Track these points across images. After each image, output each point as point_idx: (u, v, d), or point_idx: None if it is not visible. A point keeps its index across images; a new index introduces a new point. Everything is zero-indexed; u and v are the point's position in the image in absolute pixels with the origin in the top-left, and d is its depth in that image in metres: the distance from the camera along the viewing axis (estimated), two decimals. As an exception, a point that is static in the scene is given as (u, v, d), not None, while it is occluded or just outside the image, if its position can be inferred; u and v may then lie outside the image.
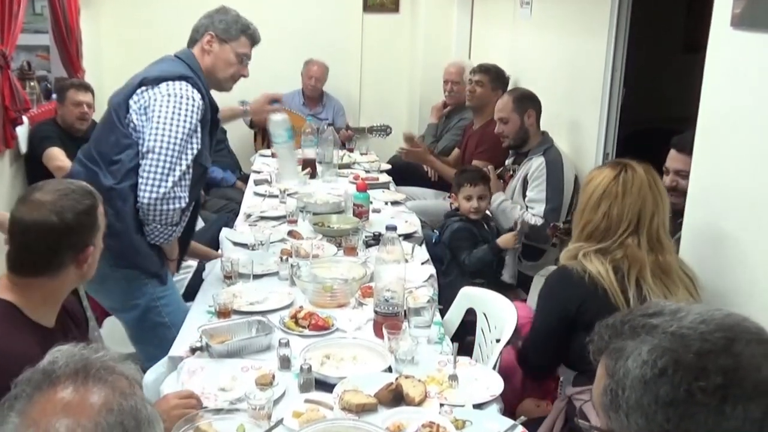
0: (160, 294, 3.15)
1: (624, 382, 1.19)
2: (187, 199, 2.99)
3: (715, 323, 1.18)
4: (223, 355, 2.54)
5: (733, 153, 2.51)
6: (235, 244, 3.70)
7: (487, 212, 4.22)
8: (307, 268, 3.21)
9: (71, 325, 2.33)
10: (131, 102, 3.01)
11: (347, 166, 5.46)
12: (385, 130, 6.47)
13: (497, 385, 2.41)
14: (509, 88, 5.20)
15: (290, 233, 3.82)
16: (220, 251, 3.70)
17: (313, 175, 5.04)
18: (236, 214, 4.42)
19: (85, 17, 6.04)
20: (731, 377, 1.13)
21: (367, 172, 5.33)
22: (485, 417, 2.24)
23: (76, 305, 2.49)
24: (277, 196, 4.54)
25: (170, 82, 2.99)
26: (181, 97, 2.97)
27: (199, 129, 3.02)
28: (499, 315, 2.86)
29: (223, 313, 2.83)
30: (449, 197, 4.11)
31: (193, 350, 2.57)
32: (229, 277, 3.19)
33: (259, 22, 7.15)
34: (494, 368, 2.61)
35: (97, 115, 5.43)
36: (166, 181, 2.90)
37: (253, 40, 3.34)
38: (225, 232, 3.87)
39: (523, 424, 2.17)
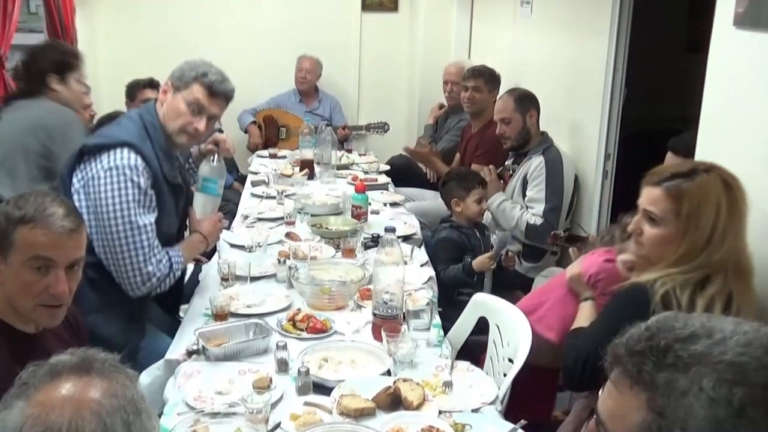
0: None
1: (685, 422, 1.09)
2: (164, 262, 2.84)
3: (758, 343, 1.11)
4: (220, 359, 2.54)
5: (736, 153, 2.51)
6: (232, 245, 3.69)
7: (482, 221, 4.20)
8: (305, 270, 3.20)
9: (64, 333, 2.29)
10: (74, 178, 2.83)
11: (346, 166, 5.46)
12: (383, 127, 6.48)
13: (491, 392, 2.41)
14: (506, 87, 5.18)
15: (288, 235, 3.81)
16: (216, 254, 3.69)
17: (311, 176, 5.04)
18: (233, 216, 4.42)
19: (80, 17, 6.04)
20: None
21: (366, 173, 5.33)
22: (485, 421, 2.24)
23: (73, 312, 2.46)
24: (274, 197, 4.54)
25: (110, 153, 2.78)
26: (121, 168, 2.76)
27: (151, 196, 2.84)
28: (513, 328, 2.74)
29: (220, 315, 2.83)
30: (453, 202, 3.98)
31: (190, 353, 2.58)
32: (226, 280, 3.18)
33: (256, 21, 7.18)
34: (505, 395, 2.50)
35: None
36: (138, 271, 2.78)
37: (210, 89, 3.00)
38: (222, 234, 3.86)
39: (529, 427, 2.17)
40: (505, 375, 2.62)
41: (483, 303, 3.00)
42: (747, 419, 1.06)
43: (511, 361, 2.65)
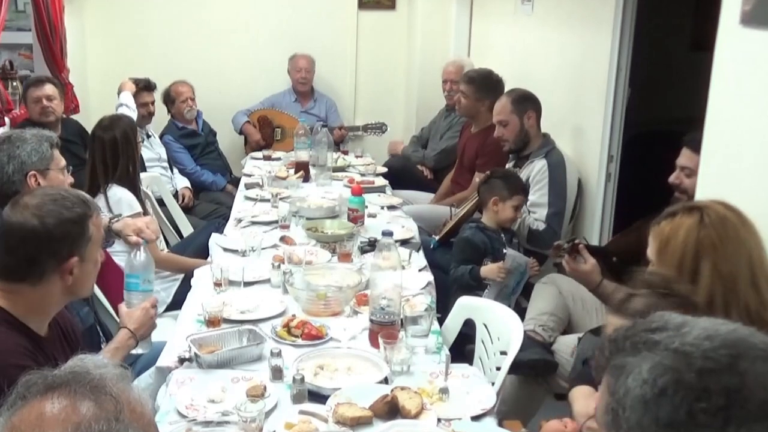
0: None
1: (624, 402, 1.17)
2: None
3: (720, 339, 1.16)
4: (213, 366, 2.53)
5: (743, 154, 2.51)
6: (226, 250, 3.70)
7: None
8: (300, 275, 3.20)
9: (62, 340, 2.32)
10: None
11: (342, 169, 5.46)
12: (380, 128, 6.49)
13: (489, 398, 2.41)
14: (507, 87, 5.16)
15: (282, 239, 3.81)
16: (209, 258, 3.70)
17: (306, 178, 5.04)
18: (226, 219, 4.42)
19: (69, 14, 6.04)
20: (735, 398, 1.11)
21: (363, 175, 5.33)
22: (484, 430, 2.24)
23: (70, 321, 2.47)
24: (268, 200, 4.53)
25: None
26: None
27: None
28: (502, 325, 2.84)
29: (213, 321, 2.83)
30: (492, 200, 3.90)
31: (182, 360, 2.57)
32: (219, 285, 3.18)
33: (250, 20, 7.18)
34: (501, 383, 2.60)
35: (84, 115, 5.46)
36: None
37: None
38: (215, 238, 3.86)
39: None
40: (498, 369, 2.70)
41: (468, 305, 3.07)
42: (666, 400, 1.13)
43: (504, 353, 2.72)
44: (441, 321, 3.03)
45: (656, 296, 1.92)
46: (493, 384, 2.57)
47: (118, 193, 3.84)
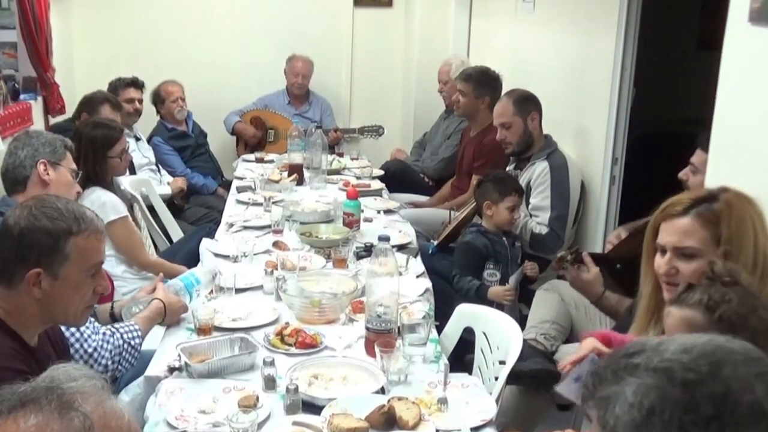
0: None
1: (615, 430, 1.18)
2: (113, 339, 2.69)
3: (698, 350, 1.18)
4: (204, 375, 2.53)
5: (751, 155, 2.52)
6: (217, 255, 3.68)
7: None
8: (293, 282, 3.20)
9: (51, 352, 2.32)
10: None
11: (337, 171, 5.46)
12: (377, 131, 6.50)
13: (489, 409, 2.41)
14: (507, 88, 5.15)
15: (275, 244, 3.81)
16: (200, 264, 3.68)
17: (300, 181, 5.03)
18: (217, 224, 4.41)
19: (55, 11, 6.03)
20: (723, 404, 1.13)
21: (359, 178, 5.33)
22: (485, 441, 2.24)
23: (59, 333, 2.47)
24: (261, 204, 4.53)
25: None
26: None
27: None
28: (502, 334, 2.83)
29: (204, 329, 2.82)
30: (485, 204, 3.95)
31: (171, 370, 2.57)
32: (210, 291, 3.18)
33: (242, 17, 7.17)
34: (499, 395, 2.60)
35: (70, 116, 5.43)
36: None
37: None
38: (205, 243, 3.85)
39: None
40: (497, 378, 2.69)
41: (468, 313, 3.07)
42: (656, 419, 1.14)
43: (502, 363, 2.71)
44: (440, 329, 3.03)
45: (719, 284, 1.82)
46: (491, 394, 2.57)
47: (102, 197, 3.81)
